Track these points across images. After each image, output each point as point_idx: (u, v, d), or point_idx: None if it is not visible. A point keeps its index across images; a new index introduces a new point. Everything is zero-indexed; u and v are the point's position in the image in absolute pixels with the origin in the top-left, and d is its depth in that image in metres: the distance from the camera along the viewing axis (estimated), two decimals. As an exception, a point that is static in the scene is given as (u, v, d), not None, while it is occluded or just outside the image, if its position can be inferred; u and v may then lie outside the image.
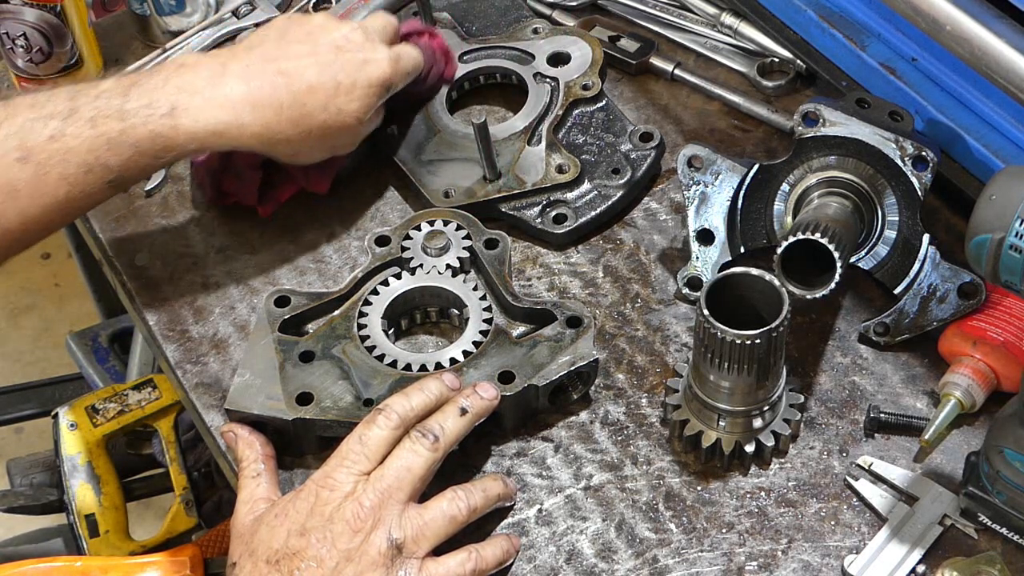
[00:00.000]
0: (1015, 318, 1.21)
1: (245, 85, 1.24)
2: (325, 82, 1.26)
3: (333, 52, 1.28)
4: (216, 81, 1.24)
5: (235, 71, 1.25)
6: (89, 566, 1.34)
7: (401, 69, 1.33)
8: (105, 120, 1.20)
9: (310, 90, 1.26)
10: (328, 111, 1.27)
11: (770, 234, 1.31)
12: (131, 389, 1.72)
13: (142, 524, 2.07)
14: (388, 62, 1.30)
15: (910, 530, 1.14)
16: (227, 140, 1.24)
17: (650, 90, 1.52)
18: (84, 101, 1.21)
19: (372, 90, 1.29)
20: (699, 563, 1.15)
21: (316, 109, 1.26)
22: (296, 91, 1.25)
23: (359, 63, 1.29)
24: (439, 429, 1.13)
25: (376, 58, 1.30)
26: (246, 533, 1.12)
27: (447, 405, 1.16)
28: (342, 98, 1.27)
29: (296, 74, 1.26)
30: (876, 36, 1.37)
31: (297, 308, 1.28)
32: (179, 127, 1.21)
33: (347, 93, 1.27)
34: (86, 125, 1.20)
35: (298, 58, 1.27)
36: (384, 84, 1.30)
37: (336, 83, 1.27)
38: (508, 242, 1.32)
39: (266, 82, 1.25)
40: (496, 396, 1.18)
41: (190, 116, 1.21)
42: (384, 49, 1.31)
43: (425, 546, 1.09)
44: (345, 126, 1.29)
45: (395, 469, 1.11)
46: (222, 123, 1.23)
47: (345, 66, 1.28)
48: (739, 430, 1.18)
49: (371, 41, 1.31)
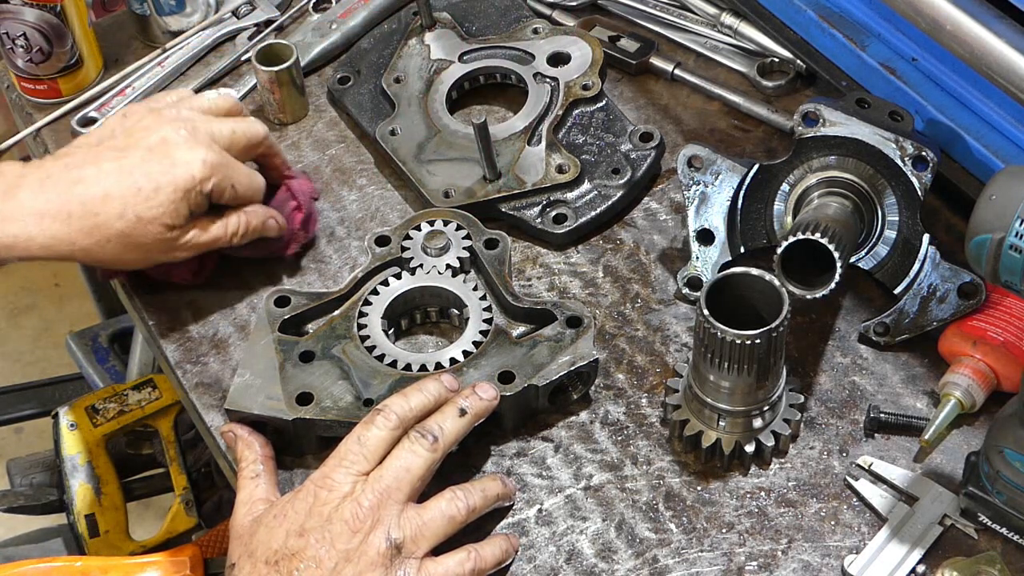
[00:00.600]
0: (1015, 318, 1.21)
1: (36, 197, 1.21)
2: (124, 189, 1.22)
3: (143, 154, 1.23)
4: (10, 193, 1.21)
5: (32, 182, 1.22)
6: (89, 566, 1.34)
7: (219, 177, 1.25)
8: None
9: (105, 198, 1.21)
10: (125, 218, 1.21)
11: (770, 234, 1.31)
12: (131, 389, 1.72)
13: (142, 524, 2.07)
14: (201, 165, 1.23)
15: (910, 530, 1.14)
16: (18, 252, 1.21)
17: (650, 90, 1.52)
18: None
19: (179, 194, 1.22)
20: (699, 563, 1.15)
21: (111, 217, 1.21)
22: (87, 200, 1.21)
23: (167, 166, 1.23)
24: (438, 430, 1.13)
25: (187, 159, 1.23)
26: (245, 534, 1.12)
27: (446, 406, 1.16)
28: (141, 205, 1.22)
29: (93, 181, 1.22)
30: (876, 36, 1.37)
31: (297, 308, 1.28)
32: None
33: (148, 199, 1.22)
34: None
35: (101, 163, 1.23)
36: (191, 188, 1.23)
37: (136, 189, 1.21)
38: (508, 242, 1.32)
39: (59, 192, 1.21)
40: (495, 397, 1.18)
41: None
42: (202, 151, 1.24)
43: (424, 546, 1.09)
44: (150, 234, 1.23)
45: (394, 469, 1.11)
46: (9, 235, 1.20)
47: (150, 170, 1.22)
48: (739, 430, 1.18)
49: (193, 140, 1.24)
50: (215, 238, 1.28)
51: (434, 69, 1.50)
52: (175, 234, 1.25)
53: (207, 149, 1.25)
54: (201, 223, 1.27)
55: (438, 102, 1.47)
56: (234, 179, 1.27)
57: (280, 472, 1.21)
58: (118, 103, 1.54)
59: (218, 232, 1.28)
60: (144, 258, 1.27)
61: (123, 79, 1.57)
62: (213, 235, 1.28)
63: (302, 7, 1.64)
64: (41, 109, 1.57)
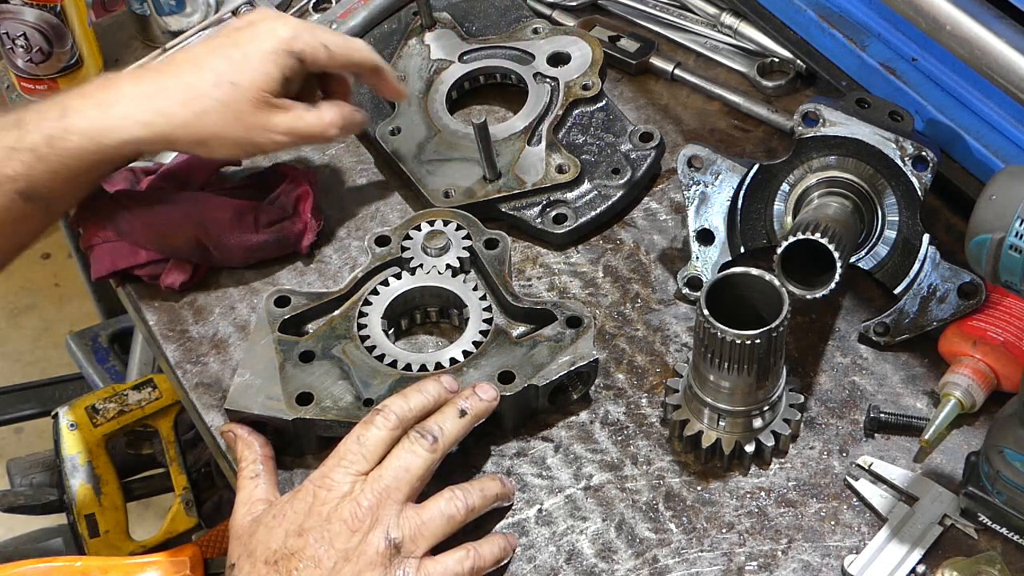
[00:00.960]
0: (1015, 318, 1.21)
1: (136, 84, 1.24)
2: (216, 61, 1.24)
3: (233, 33, 1.27)
4: (108, 84, 1.25)
5: (129, 74, 1.26)
6: (89, 566, 1.34)
7: (305, 37, 1.25)
8: (3, 131, 1.21)
9: (198, 70, 1.23)
10: (220, 87, 1.23)
11: (770, 234, 1.31)
12: (131, 389, 1.72)
13: (142, 524, 2.07)
14: (283, 26, 1.25)
15: (910, 530, 1.14)
16: (120, 135, 1.22)
17: (650, 90, 1.52)
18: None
19: (268, 57, 1.24)
20: (699, 563, 1.15)
21: (207, 87, 1.23)
22: (183, 74, 1.24)
23: (253, 34, 1.25)
24: (437, 430, 1.13)
25: (272, 26, 1.25)
26: (244, 534, 1.12)
27: (446, 406, 1.16)
28: (233, 71, 1.23)
29: (186, 61, 1.25)
30: (876, 36, 1.37)
31: (297, 308, 1.28)
32: (70, 127, 1.21)
33: (238, 64, 1.23)
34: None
35: (193, 49, 1.27)
36: (281, 48, 1.24)
37: (227, 57, 1.24)
38: (508, 242, 1.32)
39: (157, 76, 1.25)
40: (495, 397, 1.18)
41: (80, 115, 1.21)
42: (286, 18, 1.27)
43: (423, 545, 1.09)
44: (246, 100, 1.23)
45: (393, 469, 1.11)
46: (111, 117, 1.22)
47: (239, 40, 1.25)
48: (739, 430, 1.18)
49: (276, 14, 1.28)
50: (308, 125, 1.28)
51: (434, 69, 1.50)
52: (272, 106, 1.25)
53: (292, 19, 1.27)
54: (297, 109, 1.27)
55: (438, 102, 1.47)
56: (324, 39, 1.27)
57: (280, 472, 1.21)
58: (118, 103, 1.54)
59: (312, 120, 1.28)
60: (244, 135, 1.25)
61: (123, 79, 1.57)
62: (307, 122, 1.28)
63: (302, 7, 1.63)
64: (41, 109, 1.57)
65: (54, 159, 1.20)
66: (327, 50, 1.27)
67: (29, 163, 1.20)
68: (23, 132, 1.21)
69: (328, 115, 1.29)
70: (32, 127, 1.21)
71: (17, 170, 1.20)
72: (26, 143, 1.20)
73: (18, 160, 1.20)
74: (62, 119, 1.21)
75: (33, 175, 1.20)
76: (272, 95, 1.25)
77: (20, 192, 1.21)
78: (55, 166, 1.21)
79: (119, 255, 1.34)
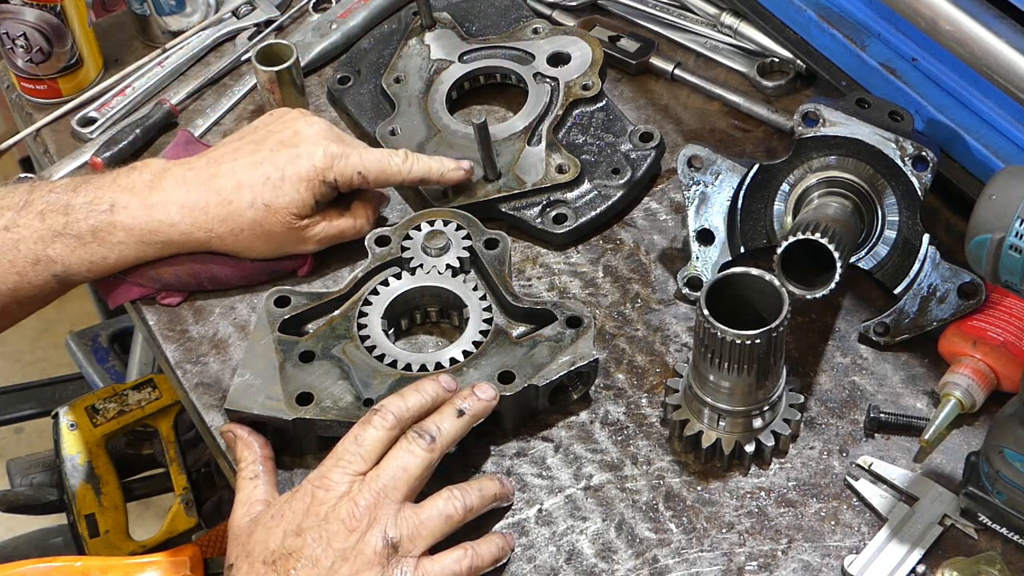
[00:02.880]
0: (1015, 318, 1.21)
1: (179, 188, 1.29)
2: (254, 179, 1.28)
3: (275, 146, 1.30)
4: (157, 183, 1.29)
5: (176, 175, 1.30)
6: (89, 566, 1.34)
7: (340, 167, 1.29)
8: (53, 214, 1.27)
9: (237, 187, 1.28)
10: (255, 207, 1.28)
11: (770, 234, 1.31)
12: (131, 389, 1.72)
13: (142, 524, 2.07)
14: (322, 156, 1.29)
15: (910, 530, 1.14)
16: (161, 236, 1.28)
17: (650, 90, 1.52)
18: (38, 195, 1.28)
19: (303, 184, 1.28)
20: (699, 563, 1.15)
21: (243, 206, 1.28)
22: (223, 189, 1.28)
23: (292, 157, 1.29)
24: (436, 430, 1.13)
25: (311, 151, 1.29)
26: (242, 535, 1.12)
27: (445, 406, 1.16)
28: (269, 194, 1.28)
29: (229, 173, 1.29)
30: (876, 36, 1.37)
31: (297, 308, 1.28)
32: (116, 223, 1.27)
33: (275, 188, 1.28)
34: (36, 217, 1.27)
35: (238, 157, 1.30)
36: (316, 177, 1.28)
37: (265, 178, 1.28)
38: (508, 242, 1.32)
39: (199, 183, 1.29)
40: (494, 397, 1.18)
41: (127, 213, 1.27)
42: (325, 143, 1.30)
43: (421, 545, 1.09)
44: (279, 223, 1.29)
45: (391, 469, 1.11)
46: (154, 220, 1.28)
47: (277, 161, 1.29)
48: (739, 430, 1.18)
49: (322, 134, 1.30)
50: (341, 231, 1.34)
51: (434, 69, 1.50)
52: (304, 223, 1.30)
53: (332, 141, 1.30)
54: (329, 215, 1.33)
55: (438, 102, 1.47)
56: (359, 166, 1.31)
57: (280, 472, 1.21)
58: (118, 103, 1.55)
59: (344, 225, 1.34)
60: (276, 248, 1.32)
61: (123, 79, 1.57)
62: (339, 227, 1.33)
63: (302, 7, 1.64)
64: (41, 109, 1.57)
65: (95, 249, 1.27)
66: (361, 177, 1.31)
67: (73, 251, 1.27)
68: (71, 219, 1.27)
69: (360, 218, 1.35)
70: (81, 215, 1.27)
71: (59, 252, 1.27)
72: (73, 230, 1.27)
73: (62, 244, 1.27)
74: (111, 213, 1.27)
75: (72, 261, 1.28)
76: (304, 217, 1.30)
77: (57, 275, 1.28)
78: (95, 256, 1.28)
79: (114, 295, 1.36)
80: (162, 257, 1.31)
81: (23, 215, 1.27)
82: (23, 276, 1.27)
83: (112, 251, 1.28)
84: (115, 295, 1.36)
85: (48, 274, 1.28)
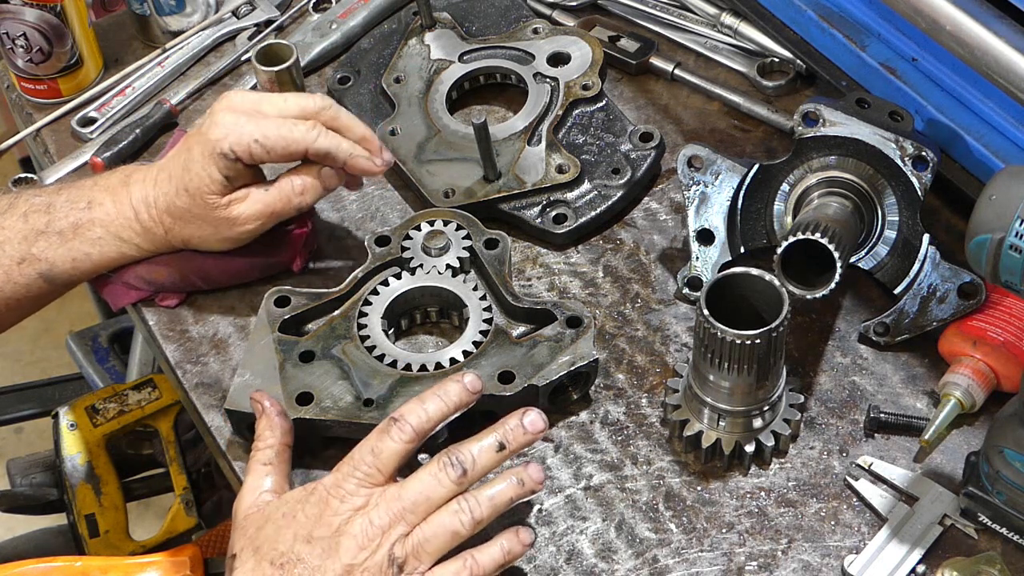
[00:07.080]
0: (1015, 318, 1.21)
1: (141, 185, 1.30)
2: (176, 167, 1.29)
3: (194, 133, 1.30)
4: (126, 181, 1.31)
5: (142, 173, 1.31)
6: (89, 566, 1.34)
7: (234, 137, 1.25)
8: (35, 214, 1.30)
9: (169, 178, 1.29)
10: (179, 194, 1.28)
11: (770, 234, 1.31)
12: (131, 389, 1.72)
13: (142, 524, 2.07)
14: (213, 126, 1.26)
15: (910, 530, 1.14)
16: (130, 233, 1.30)
17: (650, 90, 1.52)
18: (22, 199, 1.32)
19: (207, 161, 1.26)
20: (699, 563, 1.15)
21: (173, 195, 1.28)
22: (160, 182, 1.29)
23: (197, 138, 1.27)
24: (471, 463, 1.09)
25: (207, 127, 1.27)
26: (251, 526, 1.11)
27: (489, 434, 1.10)
28: (186, 177, 1.27)
29: (165, 162, 1.31)
30: (876, 36, 1.37)
31: (297, 308, 1.28)
32: (95, 219, 1.30)
33: (187, 170, 1.28)
34: (20, 219, 1.30)
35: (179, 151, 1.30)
36: (214, 151, 1.25)
37: (183, 164, 1.28)
38: (508, 242, 1.32)
39: (154, 179, 1.30)
40: (543, 430, 1.12)
41: (103, 209, 1.30)
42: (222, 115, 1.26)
43: (427, 561, 1.07)
44: (200, 205, 1.27)
45: (414, 493, 1.08)
46: (122, 216, 1.30)
47: (189, 143, 1.29)
48: (739, 430, 1.18)
49: (222, 110, 1.27)
50: (269, 206, 1.29)
51: (434, 69, 1.50)
52: (223, 202, 1.28)
53: (231, 112, 1.27)
54: (253, 193, 1.29)
55: (438, 102, 1.47)
56: (255, 134, 1.26)
57: (284, 469, 1.21)
58: (118, 103, 1.55)
59: (271, 199, 1.29)
60: (218, 233, 1.30)
61: (123, 79, 1.57)
62: (265, 202, 1.29)
63: (302, 7, 1.64)
64: (41, 109, 1.57)
65: (77, 245, 1.30)
66: (260, 146, 1.26)
67: (56, 249, 1.29)
68: (53, 218, 1.30)
69: (287, 191, 1.29)
70: (62, 214, 1.30)
71: (43, 249, 1.29)
72: (55, 228, 1.30)
73: (45, 241, 1.29)
74: (88, 210, 1.30)
75: (57, 259, 1.30)
76: (222, 195, 1.28)
77: (43, 275, 1.30)
78: (78, 253, 1.30)
79: (114, 299, 1.37)
80: (145, 256, 1.32)
81: (7, 218, 1.30)
82: (9, 276, 1.29)
83: (93, 247, 1.30)
84: (115, 299, 1.37)
85: (34, 273, 1.29)
